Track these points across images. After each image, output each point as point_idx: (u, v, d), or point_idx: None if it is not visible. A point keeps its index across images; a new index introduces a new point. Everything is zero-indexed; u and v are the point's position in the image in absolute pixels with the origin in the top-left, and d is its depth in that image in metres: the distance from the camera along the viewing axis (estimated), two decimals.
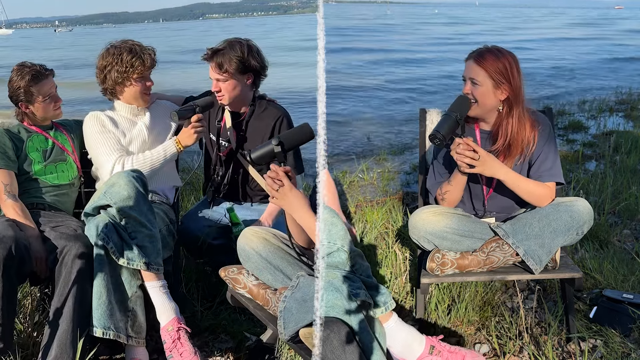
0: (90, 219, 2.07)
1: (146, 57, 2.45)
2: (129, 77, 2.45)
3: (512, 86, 2.09)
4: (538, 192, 2.14)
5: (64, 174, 2.43)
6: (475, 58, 2.11)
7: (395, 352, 1.82)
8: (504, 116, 2.14)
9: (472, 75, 2.11)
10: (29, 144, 2.38)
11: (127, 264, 2.02)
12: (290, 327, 1.68)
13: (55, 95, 2.42)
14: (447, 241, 2.13)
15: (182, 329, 2.04)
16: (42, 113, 2.40)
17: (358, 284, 1.70)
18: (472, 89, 2.11)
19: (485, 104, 2.12)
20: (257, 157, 1.84)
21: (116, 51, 2.45)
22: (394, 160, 5.31)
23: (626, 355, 2.06)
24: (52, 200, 2.36)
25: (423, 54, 18.56)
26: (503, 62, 2.08)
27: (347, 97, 10.15)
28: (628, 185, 3.87)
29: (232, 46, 2.47)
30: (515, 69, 2.10)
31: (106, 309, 1.96)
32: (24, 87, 2.32)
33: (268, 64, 2.61)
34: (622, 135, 5.55)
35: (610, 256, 2.81)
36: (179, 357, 1.98)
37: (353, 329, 1.61)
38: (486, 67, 2.08)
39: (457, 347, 1.89)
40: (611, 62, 15.30)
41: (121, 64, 2.42)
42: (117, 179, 2.07)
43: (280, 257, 1.96)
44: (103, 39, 2.87)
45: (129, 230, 2.06)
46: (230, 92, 2.51)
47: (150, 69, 2.50)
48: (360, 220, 3.40)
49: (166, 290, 2.11)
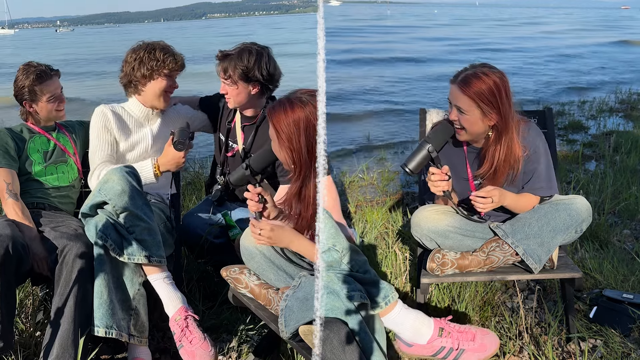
0: (89, 219, 2.07)
1: (178, 57, 2.50)
2: (160, 71, 2.46)
3: (502, 113, 1.97)
4: (533, 203, 2.14)
5: (64, 175, 2.43)
6: (460, 85, 1.97)
7: (405, 338, 1.82)
8: (492, 142, 2.05)
9: (457, 102, 2.00)
10: (30, 145, 2.39)
11: (129, 260, 2.01)
12: (291, 326, 1.69)
13: (59, 95, 2.43)
14: (449, 240, 2.12)
15: (190, 316, 2.04)
16: (45, 113, 2.41)
17: (353, 285, 1.69)
18: (459, 117, 2.02)
19: (473, 131, 2.04)
20: (235, 180, 1.97)
21: (149, 47, 2.48)
22: (394, 160, 5.31)
23: (626, 355, 2.06)
24: (53, 201, 2.37)
25: (423, 54, 18.55)
26: (490, 86, 1.94)
27: (348, 96, 10.15)
28: (628, 185, 3.88)
29: (241, 53, 2.44)
30: (504, 93, 1.96)
31: (108, 308, 1.96)
32: (28, 86, 2.34)
33: (280, 75, 2.56)
34: (622, 135, 5.56)
35: (610, 256, 2.81)
36: (188, 344, 1.97)
37: (352, 330, 1.62)
38: (472, 95, 1.94)
39: (468, 326, 1.87)
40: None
41: (154, 58, 2.45)
42: (111, 175, 2.07)
43: (282, 257, 1.97)
44: (107, 38, 2.89)
45: (127, 225, 2.06)
46: (235, 97, 2.49)
47: (180, 70, 2.53)
48: (360, 220, 3.41)
49: (171, 281, 2.10)
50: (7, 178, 2.23)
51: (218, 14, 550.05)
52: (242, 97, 2.49)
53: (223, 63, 2.45)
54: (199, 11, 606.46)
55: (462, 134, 2.06)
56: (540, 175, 2.13)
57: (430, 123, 2.58)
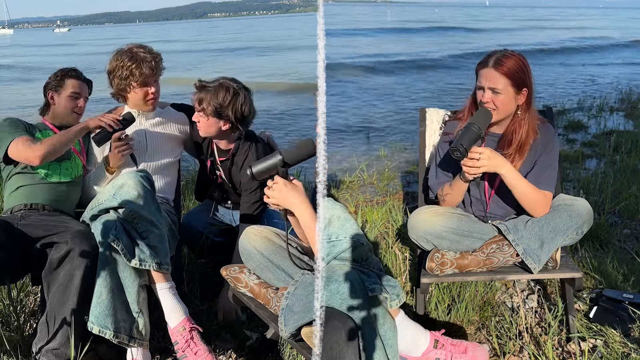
0: (98, 219, 2.06)
1: (145, 65, 2.43)
2: (130, 84, 2.46)
3: (529, 90, 2.09)
4: (533, 195, 2.08)
5: (67, 171, 2.44)
6: (494, 65, 2.07)
7: (401, 349, 1.83)
8: (518, 120, 2.13)
9: (492, 84, 2.07)
10: (38, 136, 2.41)
11: (140, 265, 2.00)
12: (290, 325, 1.69)
13: (80, 96, 2.54)
14: (446, 241, 2.13)
15: (195, 328, 2.04)
16: (62, 108, 2.51)
17: (374, 278, 1.71)
18: (493, 98, 2.08)
19: (506, 110, 2.11)
20: (258, 172, 1.85)
21: (120, 57, 2.46)
22: (394, 160, 5.31)
23: (626, 355, 2.06)
24: (53, 199, 2.36)
25: (423, 53, 18.54)
26: (520, 65, 2.07)
27: (347, 96, 10.14)
28: (628, 185, 3.87)
29: (218, 89, 2.40)
30: (530, 70, 2.10)
31: (105, 308, 1.95)
32: (59, 75, 2.52)
33: (254, 115, 2.52)
34: (622, 135, 5.56)
35: (610, 256, 2.81)
36: (193, 356, 1.98)
37: (362, 321, 1.62)
38: (507, 74, 2.05)
39: (459, 340, 1.92)
40: None
41: (122, 71, 2.44)
42: (126, 180, 2.07)
43: (282, 256, 1.97)
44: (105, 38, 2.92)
45: (140, 230, 2.05)
46: (206, 129, 2.46)
47: (152, 76, 2.48)
48: (360, 220, 3.41)
49: (175, 292, 2.10)
50: (27, 139, 2.28)
51: (218, 14, 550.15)
52: (213, 130, 2.47)
53: (199, 94, 2.42)
54: (199, 10, 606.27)
55: (494, 114, 2.11)
56: (547, 166, 2.14)
57: (430, 123, 2.58)
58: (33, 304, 2.47)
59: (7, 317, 2.34)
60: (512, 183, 2.07)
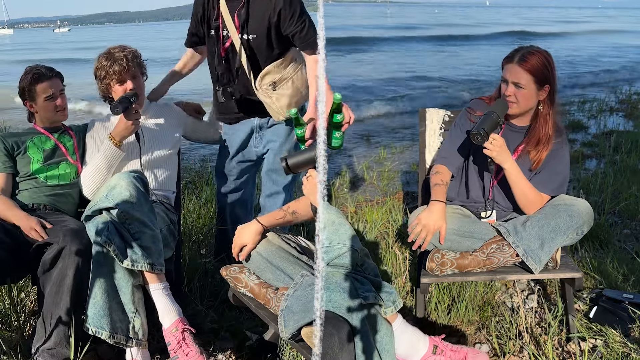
0: (91, 219, 2.06)
1: (117, 63, 2.43)
2: (109, 83, 2.48)
3: (552, 87, 2.13)
4: (532, 197, 2.14)
5: (65, 173, 2.44)
6: (519, 62, 2.11)
7: (400, 354, 1.83)
8: (543, 114, 2.18)
9: (515, 79, 2.11)
10: (29, 144, 2.41)
11: (132, 266, 2.00)
12: (290, 325, 1.68)
13: (56, 95, 2.46)
14: (445, 241, 2.13)
15: (187, 329, 2.04)
16: (44, 112, 2.46)
17: (367, 286, 1.71)
18: (515, 92, 2.13)
19: (527, 105, 2.16)
20: (294, 164, 1.79)
21: (98, 59, 2.49)
22: (394, 160, 5.31)
23: (626, 356, 2.06)
24: (52, 200, 2.37)
25: (423, 53, 18.54)
26: (544, 62, 2.11)
27: (347, 96, 10.15)
28: (628, 185, 3.87)
29: None
30: (554, 68, 2.14)
31: (100, 309, 1.95)
32: (26, 86, 2.43)
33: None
34: (622, 135, 5.56)
35: (610, 256, 2.81)
36: (185, 357, 1.98)
37: (354, 329, 1.62)
38: (531, 70, 2.09)
39: (459, 346, 1.91)
40: None
41: (100, 72, 2.47)
42: (118, 181, 2.07)
43: (281, 257, 1.97)
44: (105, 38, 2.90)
45: (133, 231, 2.05)
46: None
47: (126, 73, 2.45)
48: (360, 220, 3.41)
49: (168, 292, 2.10)
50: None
51: None
52: None
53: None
54: None
55: (514, 107, 2.16)
56: (556, 173, 2.18)
57: (430, 122, 2.58)
58: (33, 303, 2.47)
59: (7, 317, 2.34)
60: (514, 180, 2.13)
